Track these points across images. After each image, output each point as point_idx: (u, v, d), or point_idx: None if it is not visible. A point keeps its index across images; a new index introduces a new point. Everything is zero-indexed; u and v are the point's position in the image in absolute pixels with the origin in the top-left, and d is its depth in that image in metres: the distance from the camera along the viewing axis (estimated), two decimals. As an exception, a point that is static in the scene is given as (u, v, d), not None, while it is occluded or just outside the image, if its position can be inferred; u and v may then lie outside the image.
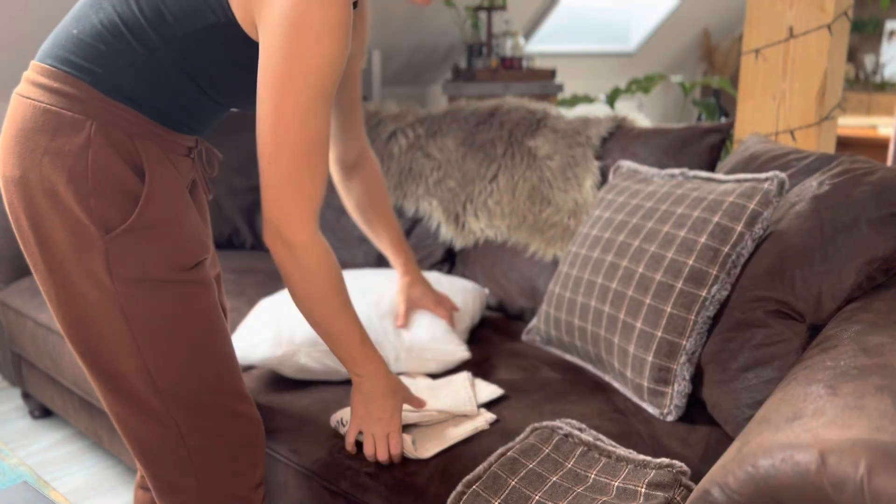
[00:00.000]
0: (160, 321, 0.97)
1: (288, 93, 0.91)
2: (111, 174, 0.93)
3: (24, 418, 2.24)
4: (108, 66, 0.94)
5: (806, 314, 1.11)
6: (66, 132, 0.93)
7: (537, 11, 3.72)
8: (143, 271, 0.95)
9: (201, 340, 1.00)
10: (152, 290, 0.96)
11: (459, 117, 1.96)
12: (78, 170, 0.92)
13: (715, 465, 0.75)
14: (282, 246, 0.98)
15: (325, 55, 0.90)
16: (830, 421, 0.70)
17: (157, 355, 0.97)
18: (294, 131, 0.92)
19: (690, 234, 1.19)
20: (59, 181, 0.92)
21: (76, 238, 0.93)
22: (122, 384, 0.98)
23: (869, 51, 5.44)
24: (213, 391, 1.01)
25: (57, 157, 0.92)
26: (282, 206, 0.96)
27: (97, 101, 0.94)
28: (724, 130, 1.59)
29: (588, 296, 1.31)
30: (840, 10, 1.85)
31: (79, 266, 0.94)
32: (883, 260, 1.09)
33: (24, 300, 1.96)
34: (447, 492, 1.03)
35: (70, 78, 0.94)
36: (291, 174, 0.94)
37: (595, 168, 1.69)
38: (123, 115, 0.95)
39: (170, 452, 1.01)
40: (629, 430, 1.16)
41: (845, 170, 1.20)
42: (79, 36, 0.95)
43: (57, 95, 0.94)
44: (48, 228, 0.94)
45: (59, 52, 0.96)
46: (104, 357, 0.97)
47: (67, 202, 0.92)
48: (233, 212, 2.32)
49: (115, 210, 0.94)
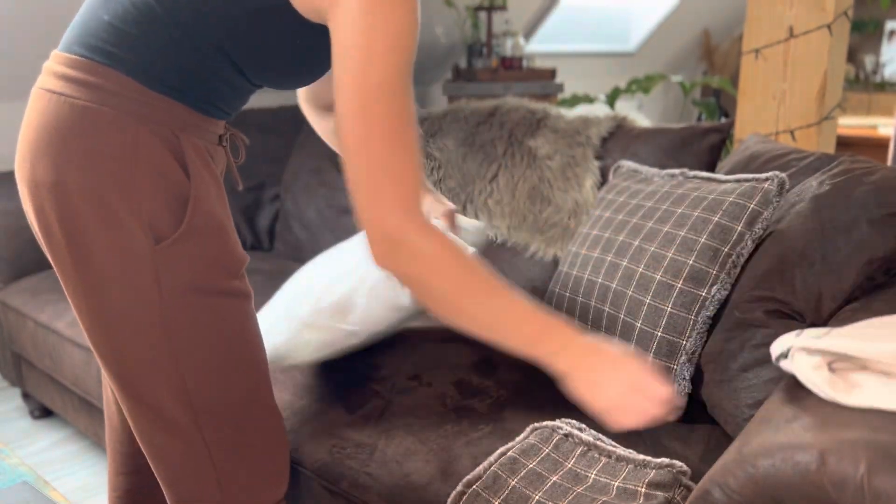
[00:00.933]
0: (202, 335, 0.92)
1: (370, 73, 0.81)
2: (163, 175, 0.87)
3: (24, 418, 2.24)
4: (144, 53, 0.86)
5: (806, 314, 1.11)
6: (110, 132, 0.85)
7: (537, 11, 3.72)
8: (194, 281, 0.90)
9: (241, 354, 0.96)
10: (200, 300, 0.91)
11: (459, 117, 1.96)
12: (127, 173, 0.85)
13: (715, 465, 0.75)
14: (393, 248, 0.82)
15: (403, 28, 0.82)
16: (830, 421, 0.70)
17: (196, 370, 0.93)
18: (381, 113, 0.81)
19: (690, 234, 1.19)
20: (104, 186, 0.85)
21: (121, 249, 0.87)
22: (151, 401, 0.93)
23: (869, 51, 5.43)
24: (246, 405, 0.98)
25: (101, 160, 0.85)
26: (381, 200, 0.82)
27: (137, 94, 0.87)
28: (724, 130, 1.59)
29: (588, 295, 1.31)
30: (840, 10, 1.85)
31: (122, 278, 0.88)
32: (883, 260, 1.09)
33: (25, 300, 1.96)
34: (447, 492, 1.03)
35: (106, 69, 0.86)
36: (386, 161, 0.81)
37: (595, 168, 1.69)
38: (164, 106, 0.88)
39: (196, 469, 0.97)
40: (629, 429, 1.16)
41: (845, 170, 1.20)
42: (111, 21, 0.87)
43: (93, 90, 0.86)
44: (87, 238, 0.87)
45: (89, 41, 0.88)
46: (136, 373, 0.92)
47: (115, 209, 0.85)
48: (233, 212, 2.32)
49: (167, 215, 0.88)
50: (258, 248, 2.36)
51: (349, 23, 0.82)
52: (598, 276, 1.30)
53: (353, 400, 1.28)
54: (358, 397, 1.28)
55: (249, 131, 2.38)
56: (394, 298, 1.19)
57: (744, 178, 1.23)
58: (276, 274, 1.99)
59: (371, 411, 1.24)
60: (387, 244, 0.82)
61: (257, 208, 2.35)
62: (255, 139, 2.37)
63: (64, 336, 1.79)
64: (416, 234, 0.82)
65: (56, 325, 1.82)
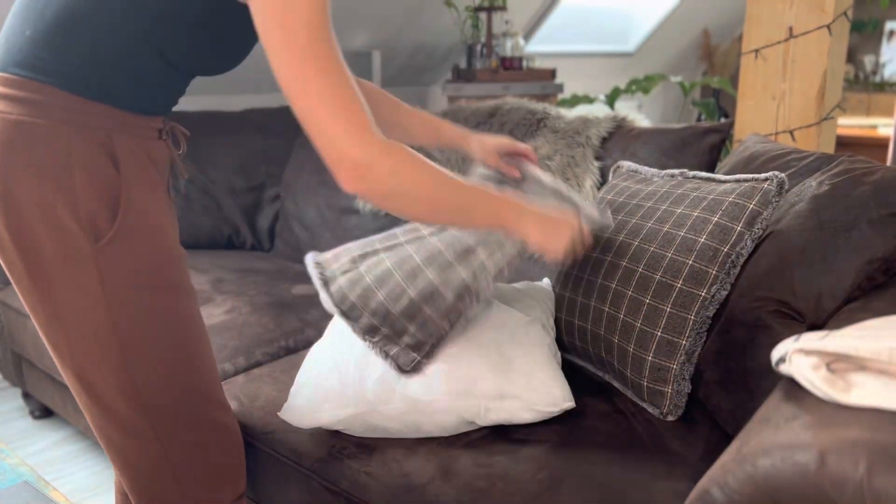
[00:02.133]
0: (149, 330, 0.96)
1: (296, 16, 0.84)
2: (99, 178, 0.91)
3: (25, 418, 2.24)
4: (71, 62, 0.90)
5: (805, 314, 1.11)
6: (46, 142, 0.90)
7: (537, 11, 3.72)
8: (134, 279, 0.94)
9: (188, 349, 0.99)
10: (143, 297, 0.95)
11: (459, 117, 1.96)
12: (65, 179, 0.89)
13: (714, 465, 0.75)
14: (357, 172, 0.87)
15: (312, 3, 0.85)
16: (830, 420, 0.70)
17: (144, 367, 0.96)
18: (314, 52, 0.84)
19: (690, 234, 1.19)
20: (47, 193, 0.89)
21: (66, 249, 0.91)
22: (105, 400, 0.96)
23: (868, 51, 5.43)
24: (197, 402, 1.01)
25: (41, 169, 0.89)
26: (338, 131, 0.86)
27: (67, 103, 0.90)
28: (724, 130, 1.59)
29: (588, 296, 1.31)
30: (840, 10, 1.85)
31: (68, 278, 0.92)
32: (883, 260, 1.09)
33: (25, 300, 1.97)
34: (447, 492, 1.03)
35: (36, 84, 0.90)
36: (330, 93, 0.85)
37: (595, 168, 1.69)
38: (95, 111, 0.92)
39: (153, 467, 1.00)
40: (629, 430, 1.16)
41: (845, 170, 1.20)
42: (33, 36, 0.91)
43: (26, 105, 0.90)
44: (34, 241, 0.91)
45: (15, 58, 0.91)
46: (88, 372, 0.95)
47: (58, 213, 0.90)
48: (233, 212, 2.32)
49: (105, 214, 0.92)
50: (258, 248, 2.36)
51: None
52: (597, 276, 1.30)
53: (354, 400, 1.28)
54: (358, 397, 1.28)
55: (249, 131, 2.38)
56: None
57: (743, 178, 1.23)
58: (276, 274, 2.00)
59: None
60: (355, 170, 0.87)
61: (257, 208, 2.35)
62: (254, 139, 2.37)
63: (64, 336, 1.79)
64: (379, 154, 0.87)
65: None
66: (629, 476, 1.04)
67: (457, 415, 1.14)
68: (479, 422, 1.15)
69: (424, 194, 0.92)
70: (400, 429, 1.16)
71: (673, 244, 1.20)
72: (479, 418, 1.14)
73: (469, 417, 1.14)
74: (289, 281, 1.93)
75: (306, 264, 1.27)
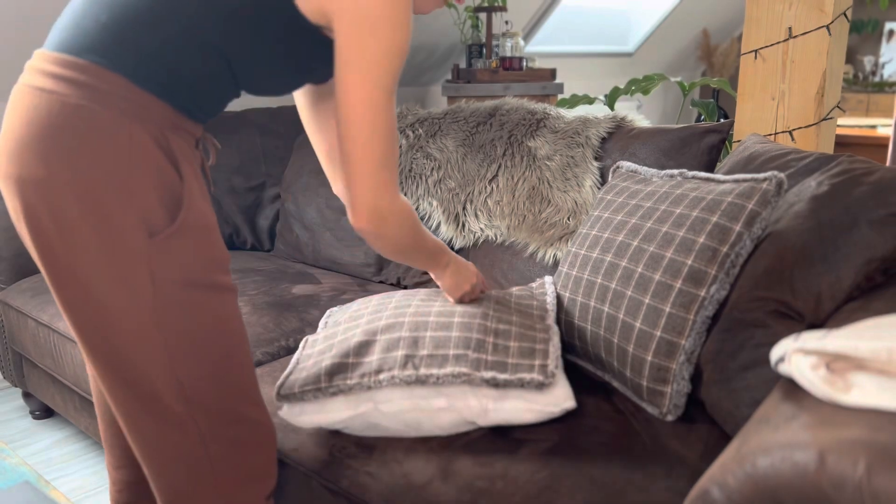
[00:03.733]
0: (193, 327, 0.94)
1: (378, 77, 0.95)
2: (157, 175, 0.90)
3: (26, 418, 2.24)
4: (138, 52, 0.89)
5: (805, 314, 1.11)
6: (105, 131, 0.87)
7: (537, 12, 3.72)
8: (186, 274, 0.93)
9: (229, 347, 0.99)
10: (192, 294, 0.94)
11: (459, 117, 1.96)
12: (121, 171, 0.87)
13: (714, 465, 0.75)
14: (378, 219, 1.02)
15: (403, 39, 0.96)
16: (829, 420, 0.70)
17: (187, 363, 0.95)
18: (384, 113, 0.97)
19: (689, 234, 1.19)
20: (97, 183, 0.87)
21: (113, 243, 0.88)
22: (145, 392, 0.94)
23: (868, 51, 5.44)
24: (236, 398, 1.00)
25: (95, 158, 0.87)
26: (379, 184, 1.00)
27: (128, 93, 0.89)
28: (724, 131, 1.59)
29: (587, 295, 1.31)
30: (839, 11, 1.86)
31: (113, 273, 0.89)
32: (882, 260, 1.10)
33: (25, 300, 1.97)
34: (447, 492, 1.04)
35: (98, 69, 0.88)
36: (386, 153, 0.99)
37: (595, 168, 1.69)
38: (153, 106, 0.91)
39: (189, 460, 0.98)
40: (629, 430, 1.16)
41: (844, 170, 1.20)
42: (107, 23, 0.90)
43: (86, 89, 0.88)
44: (77, 233, 0.88)
45: (84, 42, 0.90)
46: (129, 365, 0.93)
47: (107, 206, 0.87)
48: (233, 212, 2.32)
49: (160, 210, 0.90)
50: (258, 248, 2.36)
51: (359, 30, 0.93)
52: (597, 276, 1.30)
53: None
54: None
55: (249, 131, 2.38)
56: None
57: (742, 178, 1.23)
58: (276, 274, 2.00)
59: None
60: (376, 218, 1.02)
61: (257, 208, 2.36)
62: (255, 139, 2.38)
63: (65, 336, 1.79)
64: (398, 208, 1.04)
65: (57, 324, 1.82)
66: (629, 476, 1.04)
67: (457, 414, 1.14)
68: (479, 422, 1.15)
69: (406, 244, 1.10)
70: (400, 428, 1.16)
71: (672, 244, 1.20)
72: (479, 418, 1.14)
73: (470, 417, 1.14)
74: (289, 281, 1.93)
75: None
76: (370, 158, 0.98)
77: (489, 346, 1.18)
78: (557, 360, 1.19)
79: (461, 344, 1.17)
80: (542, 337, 1.24)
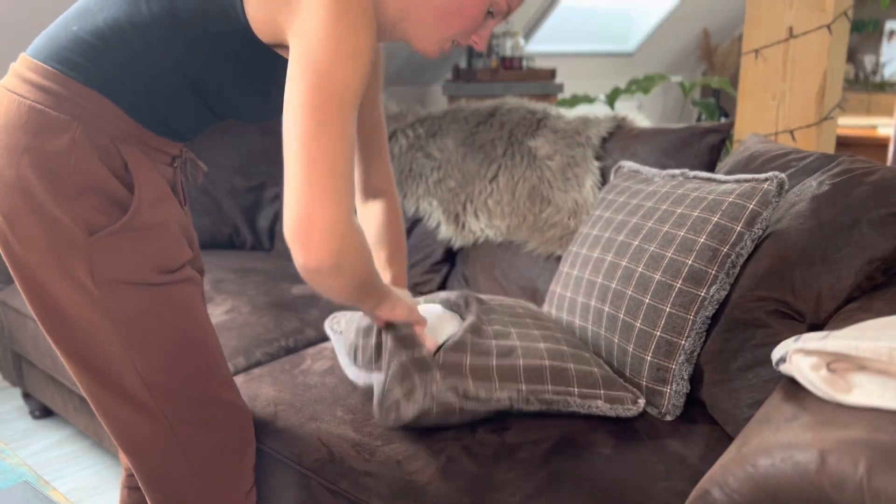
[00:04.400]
0: (146, 322, 0.97)
1: (331, 80, 0.85)
2: (94, 179, 0.92)
3: (25, 418, 2.24)
4: (103, 64, 0.92)
5: (805, 314, 1.11)
6: (51, 132, 0.91)
7: (537, 11, 3.72)
8: (126, 274, 0.95)
9: (188, 335, 1.01)
10: (135, 292, 0.96)
11: (459, 117, 1.96)
12: (60, 171, 0.91)
13: (715, 465, 0.75)
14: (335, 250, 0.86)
15: (362, 48, 0.86)
16: (830, 420, 0.70)
17: (146, 354, 0.97)
18: (334, 110, 0.85)
19: (690, 234, 1.19)
20: (37, 181, 0.91)
21: (56, 240, 0.92)
22: (111, 380, 0.98)
23: (869, 51, 5.44)
24: (201, 383, 1.02)
25: (37, 156, 0.91)
26: (335, 206, 0.86)
27: (86, 102, 0.92)
28: (724, 130, 1.59)
29: (588, 295, 1.31)
30: (840, 10, 1.86)
31: (58, 268, 0.93)
32: (882, 260, 1.09)
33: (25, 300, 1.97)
34: (447, 492, 1.03)
35: (61, 76, 0.92)
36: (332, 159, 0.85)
37: (595, 168, 1.69)
38: (111, 117, 0.94)
39: (161, 444, 1.01)
40: (629, 430, 1.16)
41: (845, 170, 1.20)
42: (78, 33, 0.93)
43: (44, 93, 0.92)
44: (25, 228, 0.92)
45: (53, 49, 0.94)
46: (91, 355, 0.97)
47: (46, 204, 0.91)
48: (233, 212, 2.32)
49: (97, 213, 0.93)
50: (258, 248, 2.36)
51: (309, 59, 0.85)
52: (597, 275, 1.30)
53: (355, 399, 1.28)
54: (359, 397, 1.28)
55: (249, 131, 2.38)
56: None
57: (743, 178, 1.23)
58: (276, 274, 2.00)
59: (372, 411, 1.24)
60: (336, 243, 0.85)
61: (257, 208, 2.35)
62: (255, 139, 2.38)
63: (64, 336, 1.79)
64: (353, 235, 0.88)
65: (56, 325, 1.82)
66: (629, 476, 1.04)
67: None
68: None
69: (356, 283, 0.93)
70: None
71: (673, 244, 1.20)
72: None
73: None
74: (289, 281, 1.93)
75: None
76: (322, 175, 0.84)
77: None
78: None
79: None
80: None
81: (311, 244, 0.85)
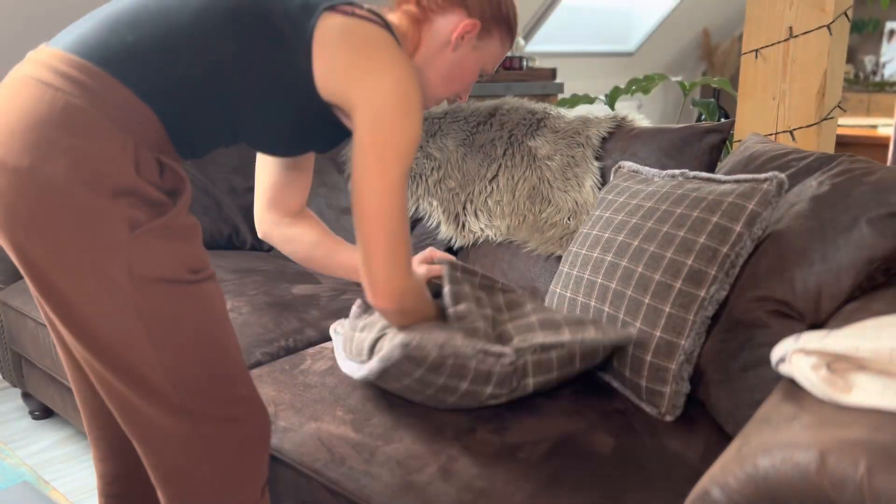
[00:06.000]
0: (174, 319, 0.97)
1: (395, 167, 1.04)
2: (134, 182, 0.93)
3: (25, 418, 2.24)
4: (153, 76, 0.95)
5: (805, 314, 1.11)
6: (99, 138, 0.91)
7: (537, 11, 3.72)
8: (162, 271, 0.95)
9: (213, 333, 1.01)
10: (167, 289, 0.96)
11: (459, 117, 1.96)
12: (106, 174, 0.90)
13: (714, 465, 0.75)
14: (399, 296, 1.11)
15: (417, 133, 1.05)
16: (830, 420, 0.70)
17: (171, 352, 0.97)
18: (399, 198, 1.06)
19: (689, 234, 1.19)
20: (79, 180, 0.89)
21: (90, 236, 0.91)
22: (134, 378, 0.97)
23: (869, 51, 5.44)
24: (226, 379, 1.03)
25: (84, 158, 0.90)
26: (396, 265, 1.09)
27: (135, 114, 0.93)
28: (724, 130, 1.59)
29: (588, 295, 1.31)
30: (840, 10, 1.86)
31: (89, 265, 0.91)
32: (882, 260, 1.09)
33: (25, 300, 1.97)
34: (447, 492, 1.03)
35: (113, 81, 0.93)
36: (400, 232, 1.08)
37: (595, 168, 1.69)
38: (155, 132, 0.96)
39: (183, 440, 1.01)
40: (629, 429, 1.16)
41: (845, 170, 1.20)
42: (134, 44, 0.95)
43: (94, 96, 0.92)
44: (53, 224, 0.90)
45: (105, 53, 0.94)
46: (115, 352, 0.96)
47: (86, 200, 0.90)
48: (233, 212, 2.32)
49: (136, 211, 0.93)
50: (258, 248, 2.36)
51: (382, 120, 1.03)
52: (597, 276, 1.30)
53: (355, 399, 1.28)
54: (359, 397, 1.28)
55: (249, 131, 2.38)
56: None
57: (743, 178, 1.23)
58: (275, 274, 2.00)
59: (372, 411, 1.24)
60: (397, 295, 1.11)
61: (257, 208, 2.35)
62: (255, 139, 2.38)
63: (64, 336, 1.79)
64: (413, 283, 1.14)
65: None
66: (629, 476, 1.04)
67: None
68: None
69: (424, 314, 1.20)
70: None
71: (672, 244, 1.20)
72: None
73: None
74: (289, 281, 1.93)
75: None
76: (388, 239, 1.06)
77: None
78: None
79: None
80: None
81: (378, 296, 1.11)
